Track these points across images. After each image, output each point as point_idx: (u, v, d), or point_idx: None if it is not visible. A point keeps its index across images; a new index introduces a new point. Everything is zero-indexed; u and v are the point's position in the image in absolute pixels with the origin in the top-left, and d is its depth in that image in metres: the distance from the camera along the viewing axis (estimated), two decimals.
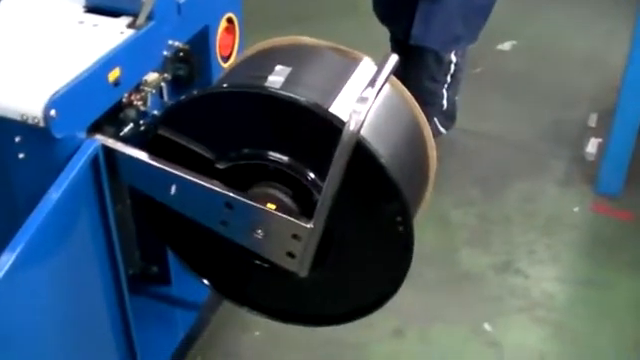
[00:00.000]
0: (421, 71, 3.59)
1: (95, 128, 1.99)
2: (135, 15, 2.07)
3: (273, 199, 1.93)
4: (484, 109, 4.41)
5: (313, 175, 1.90)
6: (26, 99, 1.80)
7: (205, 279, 2.28)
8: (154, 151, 2.01)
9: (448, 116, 3.82)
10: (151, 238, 2.37)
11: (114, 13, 2.11)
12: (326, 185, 1.79)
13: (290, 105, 1.83)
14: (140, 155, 2.01)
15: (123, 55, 2.00)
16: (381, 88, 1.78)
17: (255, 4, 2.62)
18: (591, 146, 4.09)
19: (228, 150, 1.96)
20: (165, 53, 2.19)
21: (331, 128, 1.77)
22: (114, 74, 1.97)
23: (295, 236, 1.90)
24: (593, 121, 4.32)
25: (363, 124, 1.72)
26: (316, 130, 1.84)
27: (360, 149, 1.76)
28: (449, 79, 3.65)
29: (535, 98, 4.57)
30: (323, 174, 1.81)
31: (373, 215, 1.93)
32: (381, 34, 3.86)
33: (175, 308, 2.71)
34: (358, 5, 4.93)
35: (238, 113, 1.93)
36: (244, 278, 2.24)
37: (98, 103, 1.97)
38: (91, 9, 2.15)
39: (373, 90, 1.76)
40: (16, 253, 1.71)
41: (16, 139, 1.88)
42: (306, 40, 2.10)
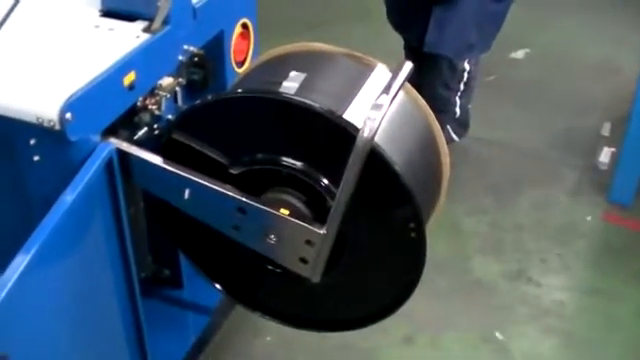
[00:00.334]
0: (435, 79, 3.59)
1: (110, 131, 2.00)
2: (151, 19, 2.08)
3: (286, 204, 1.93)
4: (497, 117, 4.40)
5: (326, 181, 1.90)
6: (42, 102, 1.81)
7: (217, 283, 2.29)
8: (168, 155, 2.02)
9: (461, 124, 3.83)
10: (163, 241, 2.37)
11: (130, 17, 2.11)
12: (340, 191, 1.79)
13: (304, 111, 1.83)
14: (154, 159, 2.01)
15: (138, 59, 2.01)
16: (395, 95, 1.78)
17: (269, 10, 2.63)
18: (604, 155, 4.09)
19: (242, 155, 1.96)
20: (180, 58, 2.19)
21: (345, 134, 1.78)
22: (129, 78, 1.98)
23: (308, 242, 1.90)
24: (606, 130, 4.32)
25: (377, 131, 1.73)
26: (330, 136, 1.84)
27: (374, 155, 1.76)
28: (462, 87, 3.65)
29: (548, 106, 4.56)
30: (336, 180, 1.81)
31: (386, 221, 1.93)
32: (394, 40, 3.86)
33: (187, 312, 2.71)
34: (371, 11, 4.93)
35: (252, 118, 1.93)
36: (256, 283, 2.25)
37: (113, 107, 1.98)
38: (107, 13, 2.15)
39: (387, 97, 1.76)
40: (30, 255, 1.73)
41: (31, 141, 1.89)
42: (321, 46, 2.10)
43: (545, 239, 3.61)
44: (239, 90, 2.09)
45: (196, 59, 2.25)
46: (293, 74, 1.95)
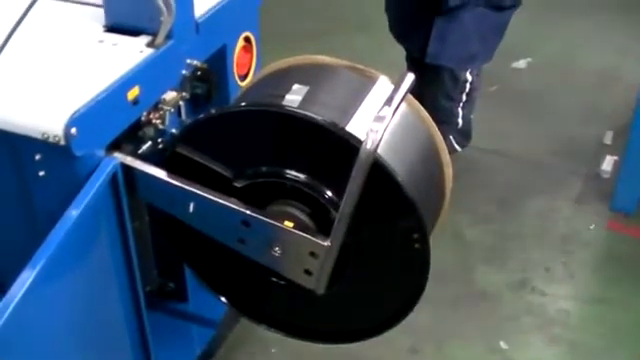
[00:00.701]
0: (437, 89, 3.60)
1: (114, 146, 2.01)
2: (154, 34, 2.08)
3: (290, 217, 1.94)
4: (499, 127, 4.41)
5: (330, 193, 1.91)
6: (47, 117, 1.82)
7: (222, 296, 2.29)
8: (172, 169, 2.03)
9: (463, 134, 3.83)
10: (168, 255, 2.38)
11: (133, 32, 2.12)
12: (343, 203, 1.80)
13: (308, 124, 1.84)
14: (159, 173, 2.02)
15: (142, 74, 2.02)
16: (398, 107, 1.79)
17: (269, 21, 2.63)
18: (606, 164, 4.09)
19: (246, 168, 1.97)
20: (183, 72, 2.21)
21: (348, 147, 1.79)
22: (133, 93, 1.99)
23: (312, 254, 1.91)
24: (609, 138, 4.32)
25: (380, 143, 1.74)
26: (333, 149, 1.85)
27: (377, 167, 1.77)
28: (464, 97, 3.66)
29: (550, 115, 4.57)
30: (340, 192, 1.82)
31: (390, 232, 1.94)
32: (395, 51, 3.87)
33: (192, 324, 2.71)
34: (371, 22, 4.94)
35: (256, 131, 1.94)
36: (261, 295, 2.25)
37: (117, 121, 1.99)
38: (111, 28, 2.16)
39: (390, 109, 1.77)
40: (37, 270, 1.74)
41: (36, 157, 1.90)
42: (323, 59, 2.11)
43: (549, 248, 3.61)
44: (243, 103, 2.10)
45: (199, 73, 2.26)
46: (296, 87, 1.96)
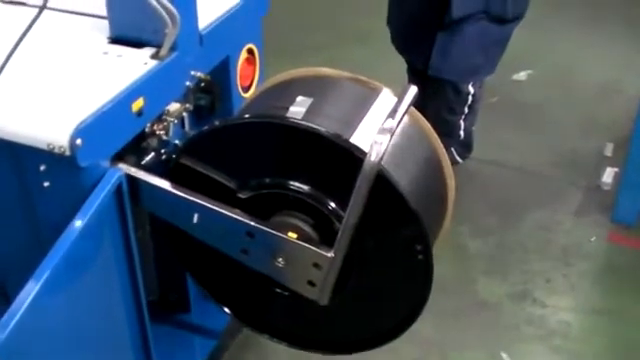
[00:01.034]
0: (439, 102, 3.61)
1: (118, 157, 2.02)
2: (158, 46, 2.10)
3: (294, 228, 1.95)
4: (500, 138, 4.42)
5: (334, 204, 1.92)
6: (52, 129, 1.83)
7: (226, 307, 2.30)
8: (176, 180, 2.04)
9: (465, 146, 3.84)
10: (170, 265, 2.38)
11: (138, 44, 2.13)
12: (347, 215, 1.80)
13: (312, 135, 1.85)
14: (163, 184, 2.03)
15: (147, 85, 2.03)
16: (402, 119, 1.80)
17: (271, 33, 2.65)
18: (607, 175, 4.09)
19: (250, 179, 1.98)
20: (187, 83, 2.21)
21: (352, 158, 1.80)
22: (138, 104, 2.00)
23: (316, 265, 1.91)
24: (609, 150, 4.33)
25: (384, 155, 1.75)
26: (337, 160, 1.86)
27: (381, 179, 1.78)
28: (467, 110, 3.67)
29: (551, 127, 4.58)
30: (343, 203, 1.83)
31: (393, 243, 1.95)
32: (396, 63, 3.89)
33: (194, 335, 2.71)
34: (372, 34, 4.97)
35: (260, 143, 1.95)
36: (264, 306, 2.26)
37: (122, 132, 2.00)
38: (115, 40, 2.17)
39: (394, 121, 1.78)
40: (42, 281, 1.74)
41: (41, 167, 1.91)
42: (326, 71, 2.12)
43: (550, 260, 3.61)
44: (246, 115, 2.10)
45: (203, 85, 2.27)
46: (300, 99, 1.97)
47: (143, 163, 2.13)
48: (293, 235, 1.94)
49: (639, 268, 3.57)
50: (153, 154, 2.17)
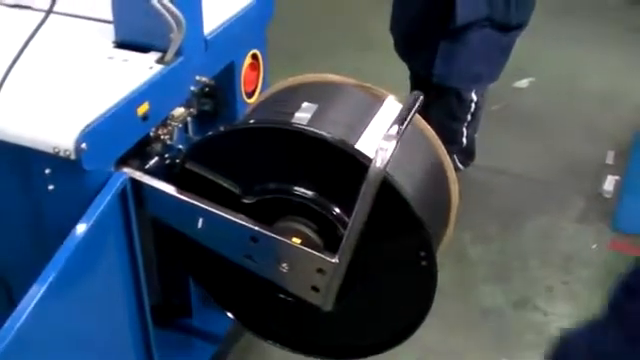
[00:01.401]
0: (442, 110, 3.60)
1: (123, 161, 2.02)
2: (164, 51, 2.10)
3: (298, 233, 1.95)
4: (502, 146, 4.42)
5: (338, 210, 1.92)
6: (58, 132, 1.84)
7: (229, 312, 2.30)
8: (181, 184, 2.04)
9: (467, 153, 3.84)
10: (172, 270, 2.38)
11: (143, 48, 2.14)
12: (352, 221, 1.80)
13: (317, 141, 1.85)
14: (168, 188, 2.03)
15: (152, 90, 2.03)
16: (407, 126, 1.81)
17: (273, 38, 2.65)
18: (608, 183, 4.09)
19: (254, 185, 1.98)
20: (192, 88, 2.22)
21: (357, 164, 1.80)
22: (143, 108, 2.01)
23: (320, 270, 1.91)
24: (610, 158, 4.33)
25: (389, 161, 1.75)
26: (342, 166, 1.86)
27: (385, 185, 1.78)
28: (469, 117, 3.67)
29: (552, 135, 4.58)
30: (348, 209, 1.83)
31: (397, 249, 1.95)
32: (399, 69, 3.88)
33: (196, 339, 2.71)
34: (374, 40, 4.98)
35: (265, 148, 1.96)
36: (268, 311, 2.26)
37: (127, 137, 2.00)
38: (121, 44, 2.18)
39: (399, 127, 1.78)
40: (46, 285, 1.74)
41: (46, 171, 1.91)
42: (332, 77, 2.13)
43: (551, 267, 3.61)
44: (252, 121, 2.11)
45: (207, 90, 2.28)
46: (305, 105, 1.97)
47: (147, 167, 2.13)
48: (297, 240, 1.94)
49: None
50: (157, 158, 2.17)
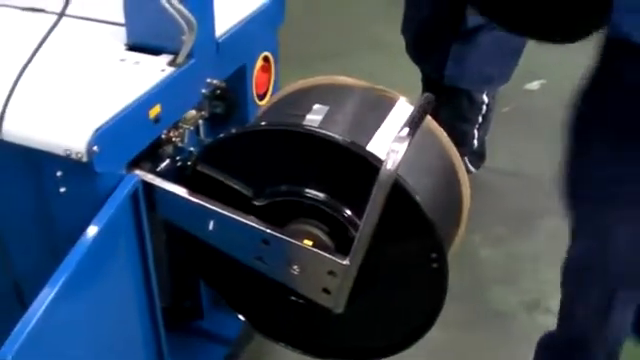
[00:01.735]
0: (453, 111, 3.60)
1: (134, 163, 2.03)
2: (175, 53, 2.10)
3: (309, 235, 1.95)
4: (512, 148, 4.41)
5: (349, 212, 1.92)
6: (70, 135, 1.84)
7: (241, 314, 2.30)
8: (192, 187, 2.04)
9: (478, 155, 3.84)
10: (184, 272, 2.38)
11: (155, 51, 2.14)
12: (363, 223, 1.80)
13: (328, 143, 1.85)
14: (179, 190, 2.04)
15: (164, 92, 2.03)
16: (418, 127, 1.80)
17: (283, 40, 2.65)
18: None
19: (266, 187, 1.99)
20: (204, 91, 2.22)
21: (368, 166, 1.80)
22: (155, 111, 2.01)
23: (331, 272, 1.91)
24: None
25: (400, 163, 1.75)
26: (353, 168, 1.86)
27: (396, 187, 1.78)
28: (481, 119, 3.67)
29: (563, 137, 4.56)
30: (359, 211, 1.83)
31: (408, 252, 1.95)
32: (410, 71, 3.88)
33: (207, 342, 2.71)
34: (383, 42, 4.98)
35: (276, 151, 1.96)
36: (279, 313, 2.26)
37: (139, 139, 2.00)
38: (132, 47, 2.18)
39: (410, 129, 1.78)
40: (57, 287, 1.74)
41: (58, 173, 1.91)
42: (344, 79, 2.12)
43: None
44: (263, 123, 2.11)
45: (219, 92, 2.27)
46: (316, 107, 1.97)
47: (158, 170, 2.14)
48: (308, 243, 1.94)
49: None
50: (168, 161, 2.18)
